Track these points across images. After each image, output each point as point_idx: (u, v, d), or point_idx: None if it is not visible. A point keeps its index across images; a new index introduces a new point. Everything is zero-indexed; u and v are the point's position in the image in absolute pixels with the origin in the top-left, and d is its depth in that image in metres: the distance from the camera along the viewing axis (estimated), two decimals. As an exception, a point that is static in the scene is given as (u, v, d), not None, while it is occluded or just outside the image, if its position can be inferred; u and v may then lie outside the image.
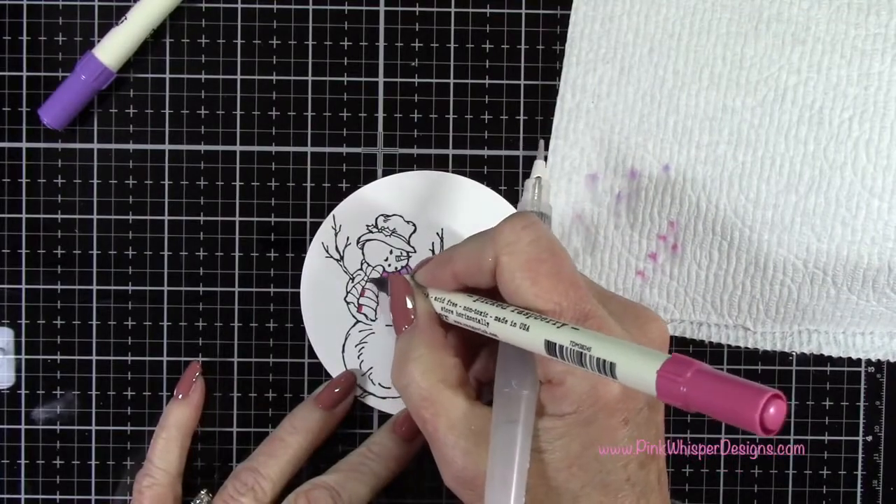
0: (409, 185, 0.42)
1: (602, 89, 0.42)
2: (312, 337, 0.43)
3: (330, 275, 0.42)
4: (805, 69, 0.41)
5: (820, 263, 0.41)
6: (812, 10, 0.41)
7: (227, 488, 0.39)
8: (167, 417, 0.41)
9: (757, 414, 0.23)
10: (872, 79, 0.40)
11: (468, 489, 0.33)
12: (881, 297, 0.41)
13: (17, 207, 0.43)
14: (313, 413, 0.41)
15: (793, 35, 0.41)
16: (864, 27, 0.41)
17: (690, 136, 0.41)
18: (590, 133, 0.42)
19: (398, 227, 0.42)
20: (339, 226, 0.42)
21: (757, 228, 0.41)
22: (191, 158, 0.43)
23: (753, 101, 0.41)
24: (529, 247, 0.32)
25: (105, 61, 0.41)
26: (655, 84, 0.41)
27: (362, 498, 0.39)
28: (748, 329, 0.43)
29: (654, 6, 0.42)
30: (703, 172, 0.41)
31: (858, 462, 0.44)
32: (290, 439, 0.40)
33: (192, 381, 0.42)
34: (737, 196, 0.41)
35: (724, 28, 0.41)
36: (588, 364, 0.28)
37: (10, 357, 0.43)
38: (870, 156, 0.40)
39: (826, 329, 0.43)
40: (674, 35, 0.41)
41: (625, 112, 0.42)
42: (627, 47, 0.42)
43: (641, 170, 0.41)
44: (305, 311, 0.43)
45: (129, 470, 0.43)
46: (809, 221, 0.40)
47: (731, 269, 0.41)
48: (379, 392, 0.43)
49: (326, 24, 0.43)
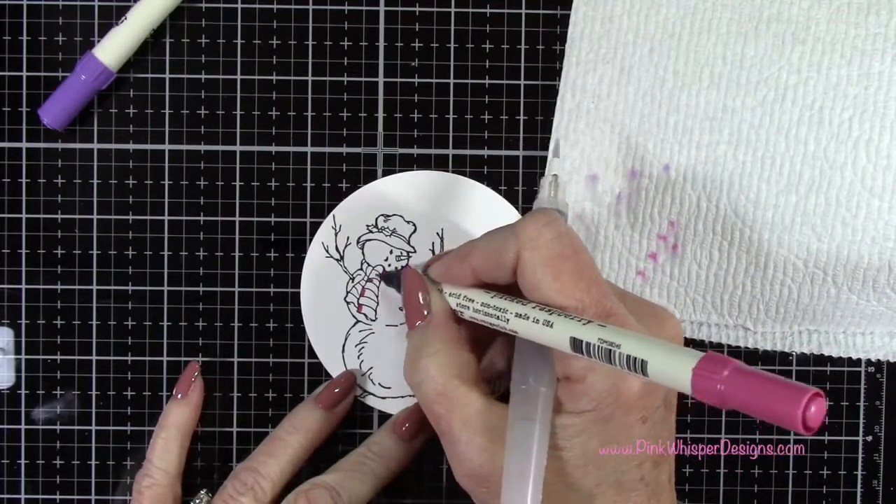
0: (410, 185, 0.42)
1: (602, 89, 0.42)
2: (312, 337, 0.43)
3: (330, 275, 0.42)
4: (805, 69, 0.41)
5: (820, 263, 0.41)
6: (812, 9, 0.41)
7: (226, 488, 0.39)
8: (166, 417, 0.41)
9: (800, 412, 0.23)
10: (872, 78, 0.40)
11: (482, 486, 0.33)
12: (881, 296, 0.41)
13: (17, 207, 0.43)
14: (313, 413, 0.41)
15: (793, 35, 0.41)
16: (865, 27, 0.41)
17: (691, 136, 0.41)
18: (590, 133, 0.42)
19: (398, 227, 0.42)
20: (339, 226, 0.42)
21: (757, 228, 0.41)
22: (191, 158, 0.43)
23: (754, 101, 0.41)
24: (552, 243, 0.32)
25: (105, 61, 0.41)
26: (656, 84, 0.41)
27: (362, 498, 0.39)
28: (748, 329, 0.43)
29: (655, 6, 0.42)
30: (703, 172, 0.41)
31: (858, 462, 0.44)
32: (289, 439, 0.40)
33: (192, 380, 0.42)
34: (737, 196, 0.41)
35: (724, 28, 0.41)
36: (617, 361, 0.28)
37: (10, 357, 0.43)
38: (870, 156, 0.40)
39: (826, 329, 0.43)
40: (674, 35, 0.41)
41: (625, 112, 0.42)
42: (627, 47, 0.42)
43: (642, 170, 0.41)
44: (305, 310, 0.43)
45: (129, 470, 0.43)
46: (810, 221, 0.40)
47: (731, 269, 0.41)
48: (379, 392, 0.43)
49: (326, 24, 0.43)
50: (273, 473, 0.39)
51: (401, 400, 0.43)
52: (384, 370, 0.43)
